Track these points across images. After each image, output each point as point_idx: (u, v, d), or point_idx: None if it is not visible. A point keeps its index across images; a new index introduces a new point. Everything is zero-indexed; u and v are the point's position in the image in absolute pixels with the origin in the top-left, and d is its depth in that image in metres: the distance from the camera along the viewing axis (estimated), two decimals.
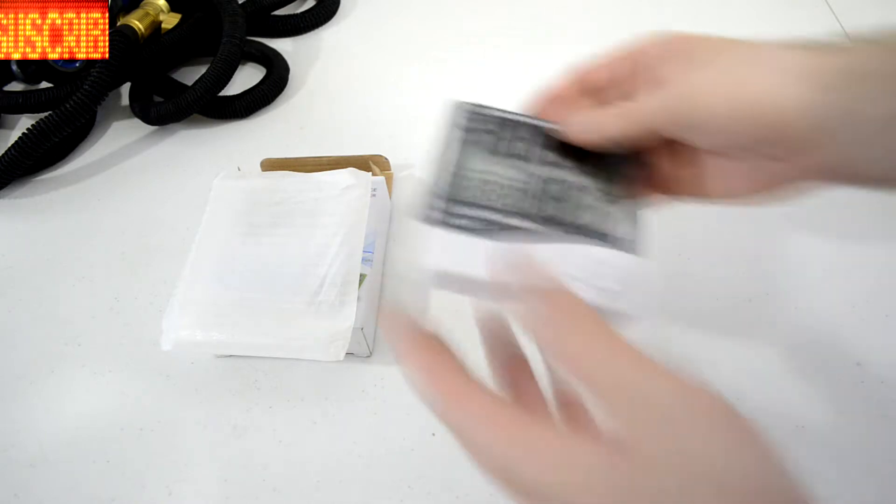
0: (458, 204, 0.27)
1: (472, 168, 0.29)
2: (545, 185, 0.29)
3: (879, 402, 0.33)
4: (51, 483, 0.34)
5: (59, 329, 0.40)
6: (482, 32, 0.58)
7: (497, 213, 0.27)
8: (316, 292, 0.35)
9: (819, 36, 0.27)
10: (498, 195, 0.28)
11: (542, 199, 0.28)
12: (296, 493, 0.33)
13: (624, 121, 0.28)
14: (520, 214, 0.27)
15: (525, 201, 0.28)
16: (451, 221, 0.27)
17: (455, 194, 0.28)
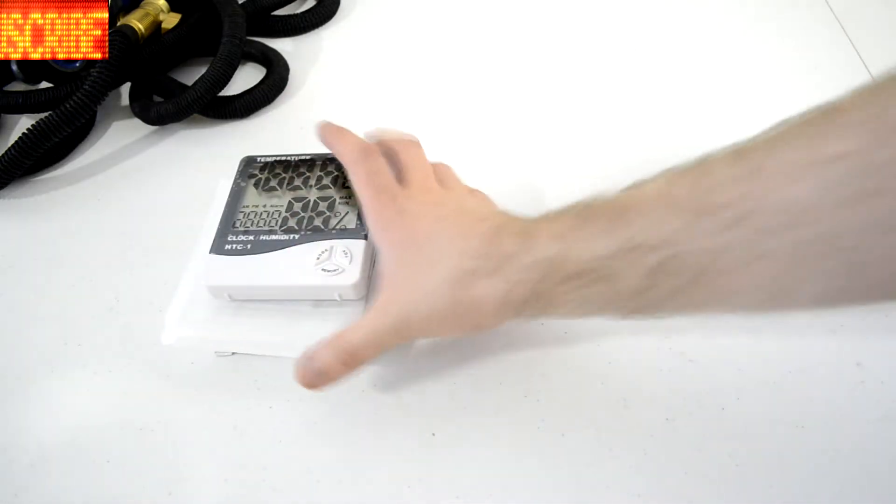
0: (231, 234, 0.37)
1: (245, 205, 0.38)
2: (316, 203, 0.38)
3: (879, 402, 0.33)
4: (51, 483, 0.34)
5: (59, 329, 0.40)
6: (483, 32, 0.58)
7: (261, 234, 0.37)
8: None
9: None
10: (264, 220, 0.37)
11: (309, 214, 0.37)
12: (296, 493, 0.33)
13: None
14: (284, 230, 0.37)
15: (291, 220, 0.37)
16: (225, 248, 0.36)
17: (226, 227, 0.37)
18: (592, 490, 0.32)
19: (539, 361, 0.36)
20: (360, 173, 0.34)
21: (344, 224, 0.37)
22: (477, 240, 0.30)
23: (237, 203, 0.39)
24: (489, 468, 0.33)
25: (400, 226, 0.32)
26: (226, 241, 0.37)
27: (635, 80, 0.52)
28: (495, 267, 0.30)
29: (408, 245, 0.32)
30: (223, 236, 0.37)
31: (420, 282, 0.31)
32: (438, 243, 0.31)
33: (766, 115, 0.49)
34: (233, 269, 0.36)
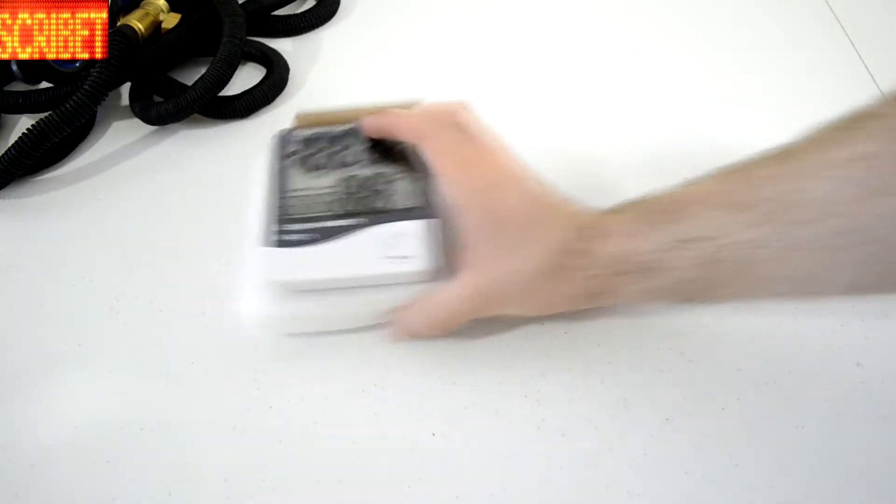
0: (286, 222, 0.34)
1: (293, 188, 0.35)
2: (371, 180, 0.35)
3: (879, 402, 0.33)
4: (51, 483, 0.34)
5: (59, 329, 0.40)
6: (483, 32, 0.58)
7: (320, 220, 0.34)
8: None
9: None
10: (319, 205, 0.35)
11: (367, 194, 0.35)
12: (296, 493, 0.33)
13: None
14: (344, 215, 0.34)
15: (349, 202, 0.35)
16: (285, 239, 0.34)
17: (278, 216, 0.34)
18: (592, 490, 0.32)
19: (539, 361, 0.36)
20: (436, 147, 0.34)
21: (406, 203, 0.35)
22: (565, 232, 0.32)
23: (282, 187, 0.36)
24: (489, 468, 0.33)
25: (489, 201, 0.33)
26: (281, 231, 0.34)
27: (635, 78, 0.52)
28: (579, 263, 0.32)
29: (500, 225, 0.32)
30: (277, 225, 0.34)
31: (513, 266, 0.32)
32: (531, 230, 0.32)
33: (767, 114, 0.49)
34: (294, 262, 0.34)
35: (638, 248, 0.31)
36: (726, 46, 0.54)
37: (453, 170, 0.33)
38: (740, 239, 0.29)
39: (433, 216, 0.34)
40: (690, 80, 0.52)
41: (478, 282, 0.33)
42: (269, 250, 0.34)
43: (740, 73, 0.52)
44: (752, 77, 0.51)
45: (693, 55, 0.54)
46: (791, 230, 0.28)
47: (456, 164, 0.33)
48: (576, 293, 0.33)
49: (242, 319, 0.37)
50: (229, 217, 0.45)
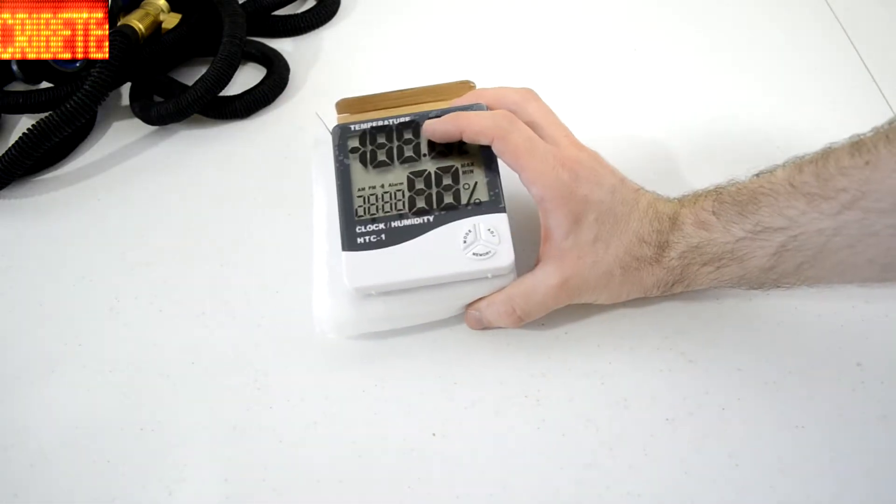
0: (358, 224, 0.34)
1: (360, 187, 0.35)
2: (438, 176, 0.35)
3: (879, 402, 0.33)
4: (51, 483, 0.34)
5: (59, 329, 0.40)
6: (483, 32, 0.58)
7: (391, 220, 0.34)
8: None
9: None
10: (388, 203, 0.34)
11: (436, 191, 0.34)
12: (296, 493, 0.33)
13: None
14: (415, 213, 0.34)
15: (419, 200, 0.34)
16: (360, 242, 0.33)
17: (350, 218, 0.34)
18: (592, 490, 0.32)
19: (539, 361, 0.36)
20: (514, 143, 0.33)
21: (477, 197, 0.35)
22: (642, 224, 0.34)
23: (349, 185, 0.35)
24: (489, 468, 0.33)
25: (573, 195, 0.33)
26: (356, 234, 0.34)
27: (635, 78, 0.52)
28: (657, 255, 0.34)
29: (583, 218, 0.33)
30: (351, 228, 0.34)
31: (594, 258, 0.34)
32: (611, 222, 0.34)
33: (767, 114, 0.49)
34: (374, 266, 0.33)
35: (715, 238, 0.32)
36: (726, 46, 0.54)
37: (534, 166, 0.33)
38: (816, 228, 0.29)
39: (502, 211, 0.34)
40: (690, 81, 0.51)
41: (564, 273, 0.34)
42: (347, 255, 0.34)
43: (740, 73, 0.52)
44: (752, 77, 0.51)
45: (693, 55, 0.54)
46: (866, 219, 0.28)
47: (536, 161, 0.33)
48: (652, 283, 0.34)
49: (319, 325, 0.36)
50: (229, 217, 0.46)
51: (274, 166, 0.49)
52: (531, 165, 0.33)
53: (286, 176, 0.48)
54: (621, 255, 0.34)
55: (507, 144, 0.33)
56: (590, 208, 0.33)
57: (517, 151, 0.33)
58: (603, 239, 0.33)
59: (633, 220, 0.34)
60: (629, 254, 0.34)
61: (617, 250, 0.34)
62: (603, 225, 0.33)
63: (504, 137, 0.34)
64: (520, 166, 0.34)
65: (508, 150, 0.34)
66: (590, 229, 0.33)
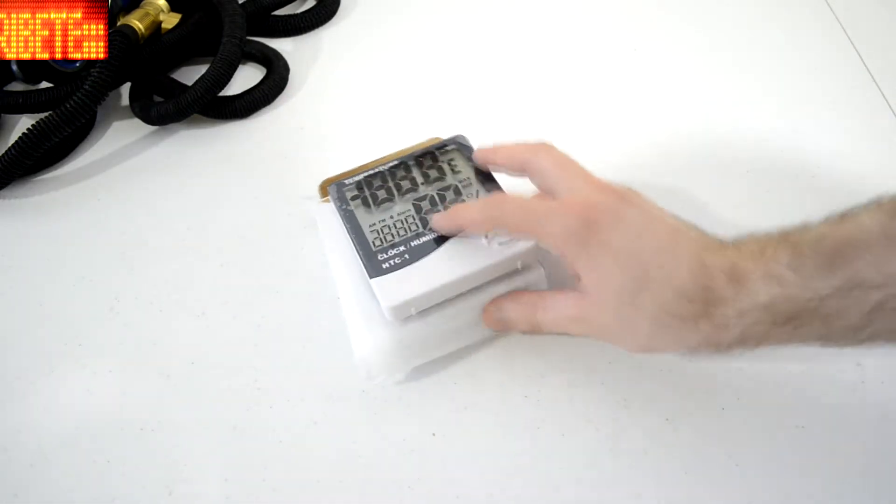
0: (380, 252, 0.35)
1: (371, 224, 0.36)
2: (441, 196, 0.37)
3: (879, 402, 0.33)
4: (51, 483, 0.34)
5: (59, 329, 0.40)
6: (483, 32, 0.58)
7: (411, 240, 0.35)
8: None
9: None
10: (403, 228, 0.36)
11: (444, 206, 0.36)
12: (296, 493, 0.33)
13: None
14: (430, 228, 0.35)
15: (427, 220, 0.36)
16: (383, 267, 0.34)
17: (369, 250, 0.35)
18: (592, 490, 0.32)
19: (539, 361, 0.36)
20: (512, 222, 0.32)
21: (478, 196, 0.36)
22: (687, 280, 0.29)
23: (359, 226, 0.36)
24: (489, 468, 0.33)
25: (588, 242, 0.30)
26: (379, 262, 0.34)
27: (635, 78, 0.52)
28: (703, 312, 0.29)
29: (603, 266, 0.30)
30: (372, 259, 0.34)
31: (619, 310, 0.30)
32: (641, 273, 0.29)
33: (767, 115, 0.49)
34: (405, 283, 0.33)
35: (789, 296, 0.27)
36: (726, 46, 0.54)
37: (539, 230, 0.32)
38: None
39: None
40: (690, 81, 0.51)
41: (583, 312, 0.32)
42: (376, 281, 0.34)
43: (740, 73, 0.52)
44: (752, 77, 0.51)
45: (693, 55, 0.54)
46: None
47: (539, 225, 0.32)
48: (697, 341, 0.29)
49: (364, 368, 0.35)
50: (229, 217, 0.45)
51: (274, 166, 0.49)
52: (537, 231, 0.32)
53: (286, 176, 0.48)
54: (653, 310, 0.29)
55: (505, 224, 0.33)
56: (609, 255, 0.30)
57: (519, 227, 0.33)
58: (630, 290, 0.29)
59: (671, 272, 0.29)
60: (665, 311, 0.29)
61: (649, 305, 0.29)
62: (628, 274, 0.29)
63: (499, 220, 0.33)
64: (528, 235, 0.33)
65: (512, 230, 0.33)
66: (613, 278, 0.30)
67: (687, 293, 0.29)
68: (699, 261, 0.29)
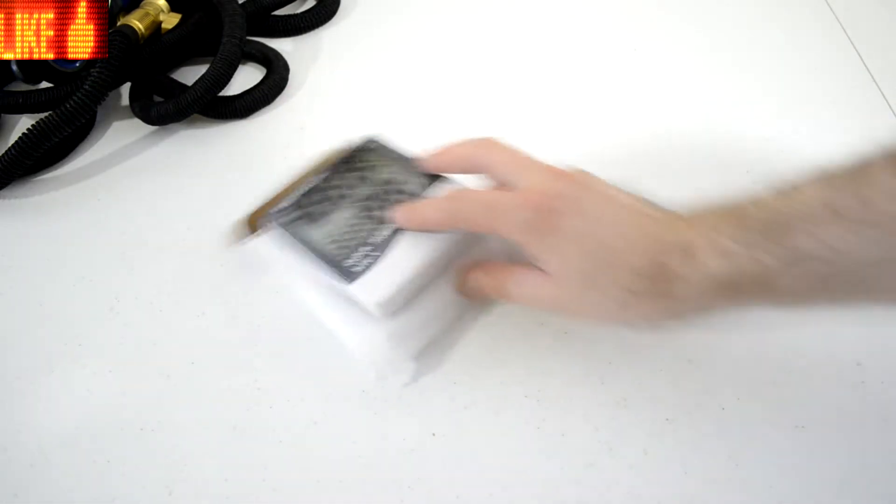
0: (345, 259, 0.34)
1: (322, 239, 0.35)
2: (376, 195, 0.37)
3: (879, 402, 0.33)
4: (51, 483, 0.34)
5: (59, 329, 0.40)
6: (483, 32, 0.58)
7: (370, 239, 0.35)
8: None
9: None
10: (357, 233, 0.35)
11: (390, 200, 0.36)
12: (296, 493, 0.33)
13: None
14: (383, 223, 0.35)
15: (381, 214, 0.36)
16: (354, 270, 0.34)
17: (336, 261, 0.34)
18: (592, 490, 0.32)
19: (539, 361, 0.36)
20: (469, 218, 0.33)
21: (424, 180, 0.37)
22: (642, 256, 0.30)
23: (316, 241, 0.35)
24: (489, 468, 0.33)
25: (544, 231, 0.31)
26: (349, 267, 0.34)
27: (635, 78, 0.52)
28: (662, 289, 0.30)
29: (563, 251, 0.31)
30: (341, 267, 0.34)
31: (582, 291, 0.31)
32: (599, 254, 0.31)
33: (767, 115, 0.49)
34: (384, 277, 0.33)
35: (738, 269, 0.29)
36: (726, 46, 0.54)
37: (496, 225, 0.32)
38: (862, 257, 0.27)
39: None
40: (690, 81, 0.52)
41: (554, 294, 0.32)
42: (354, 286, 0.34)
43: (740, 73, 0.52)
44: (752, 77, 0.51)
45: (693, 55, 0.54)
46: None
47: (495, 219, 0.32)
48: (660, 317, 0.31)
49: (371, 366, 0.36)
50: (229, 217, 0.45)
51: (274, 166, 0.49)
52: (494, 226, 0.32)
53: (286, 176, 0.48)
54: (615, 290, 0.31)
55: (465, 221, 0.33)
56: (568, 241, 0.31)
57: (476, 223, 0.33)
58: (590, 273, 0.31)
59: (627, 252, 0.30)
60: (625, 289, 0.30)
61: (610, 285, 0.31)
62: (587, 258, 0.31)
63: (458, 216, 0.33)
64: (487, 232, 0.33)
65: (469, 226, 0.34)
66: (574, 263, 0.31)
67: (644, 272, 0.30)
68: (654, 239, 0.30)
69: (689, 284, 0.29)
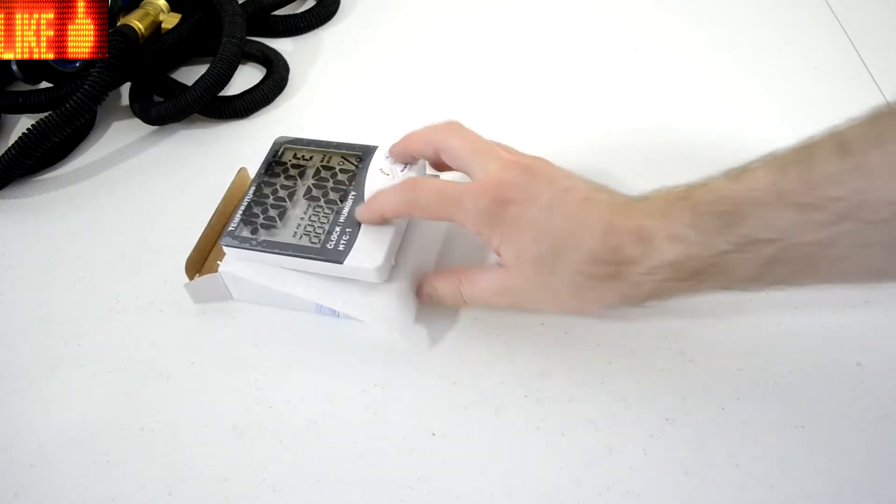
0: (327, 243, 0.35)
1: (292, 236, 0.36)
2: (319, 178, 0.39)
3: (879, 402, 0.33)
4: (51, 483, 0.34)
5: (59, 329, 0.40)
6: (483, 32, 0.58)
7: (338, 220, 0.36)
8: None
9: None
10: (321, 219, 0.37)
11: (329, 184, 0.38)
12: (296, 493, 0.33)
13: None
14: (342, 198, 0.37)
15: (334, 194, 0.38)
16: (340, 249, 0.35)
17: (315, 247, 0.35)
18: (592, 490, 0.32)
19: (539, 361, 0.36)
20: (426, 206, 0.34)
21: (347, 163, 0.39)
22: (596, 242, 0.31)
23: (286, 243, 0.36)
24: (489, 468, 0.33)
25: (499, 219, 0.32)
26: (333, 249, 0.35)
27: (635, 79, 0.52)
28: (616, 272, 0.31)
29: (518, 239, 0.32)
30: (325, 251, 0.35)
31: (539, 278, 0.32)
32: (554, 242, 0.31)
33: (767, 114, 0.49)
34: (371, 246, 0.35)
35: (691, 254, 0.29)
36: (726, 46, 0.54)
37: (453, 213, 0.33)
38: (808, 240, 0.27)
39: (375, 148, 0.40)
40: (690, 80, 0.52)
41: (507, 283, 0.34)
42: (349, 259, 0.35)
43: (740, 72, 0.52)
44: (753, 77, 0.51)
45: (693, 55, 0.54)
46: (864, 230, 0.26)
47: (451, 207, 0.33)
48: (614, 298, 0.32)
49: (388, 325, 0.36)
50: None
51: None
52: (450, 213, 0.33)
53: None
54: (570, 276, 0.31)
55: (422, 210, 0.34)
56: (522, 229, 0.31)
57: (432, 210, 0.34)
58: (546, 259, 0.31)
59: (581, 237, 0.31)
60: (580, 274, 0.31)
61: (565, 271, 0.31)
62: (542, 245, 0.31)
63: (415, 206, 0.34)
64: (444, 219, 0.35)
65: (425, 215, 0.34)
66: (529, 250, 0.32)
67: (598, 256, 0.31)
68: (608, 224, 0.31)
69: (644, 269, 0.30)
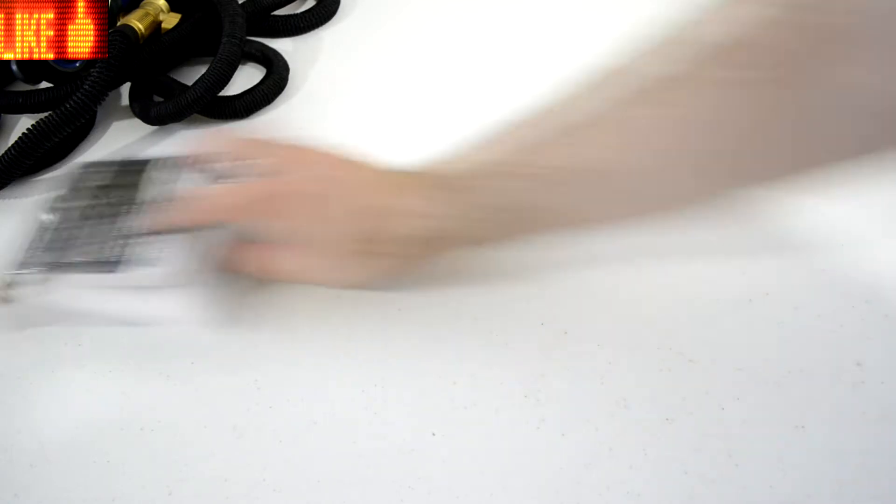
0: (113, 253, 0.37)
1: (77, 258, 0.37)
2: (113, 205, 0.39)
3: (879, 402, 0.33)
4: (51, 483, 0.34)
5: (59, 329, 0.40)
6: (483, 32, 0.58)
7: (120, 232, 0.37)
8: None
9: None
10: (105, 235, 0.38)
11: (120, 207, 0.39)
12: (296, 493, 0.33)
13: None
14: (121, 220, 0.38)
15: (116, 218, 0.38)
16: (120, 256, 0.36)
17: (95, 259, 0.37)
18: (592, 490, 0.32)
19: (539, 361, 0.36)
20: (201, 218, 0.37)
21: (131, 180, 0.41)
22: (350, 222, 0.35)
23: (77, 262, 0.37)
24: (489, 468, 0.33)
25: (290, 222, 0.36)
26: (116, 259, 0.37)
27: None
28: (378, 249, 0.35)
29: (304, 232, 0.36)
30: (108, 262, 0.36)
31: (320, 259, 0.36)
32: (321, 224, 0.35)
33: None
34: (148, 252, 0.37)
35: (433, 226, 0.34)
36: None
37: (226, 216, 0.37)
38: (528, 203, 0.33)
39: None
40: None
41: (301, 266, 0.37)
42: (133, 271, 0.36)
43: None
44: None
45: None
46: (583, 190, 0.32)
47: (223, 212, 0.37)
48: (385, 272, 0.37)
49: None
50: None
51: None
52: (228, 217, 0.37)
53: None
54: (341, 255, 0.36)
55: (205, 219, 0.37)
56: (296, 219, 0.35)
57: (213, 217, 0.37)
58: (315, 242, 0.36)
59: (339, 219, 0.35)
60: (345, 252, 0.36)
61: (336, 251, 0.36)
62: (314, 229, 0.35)
63: (197, 219, 0.37)
64: (228, 222, 0.37)
65: (209, 222, 0.37)
66: (306, 236, 0.36)
67: (354, 235, 0.35)
68: (364, 205, 0.35)
69: (398, 243, 0.35)
